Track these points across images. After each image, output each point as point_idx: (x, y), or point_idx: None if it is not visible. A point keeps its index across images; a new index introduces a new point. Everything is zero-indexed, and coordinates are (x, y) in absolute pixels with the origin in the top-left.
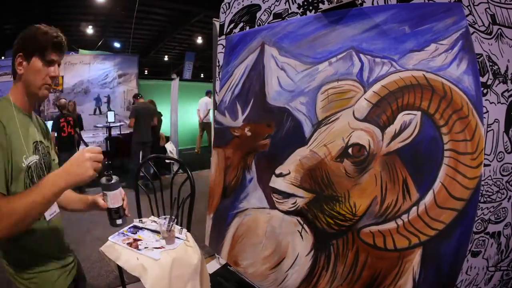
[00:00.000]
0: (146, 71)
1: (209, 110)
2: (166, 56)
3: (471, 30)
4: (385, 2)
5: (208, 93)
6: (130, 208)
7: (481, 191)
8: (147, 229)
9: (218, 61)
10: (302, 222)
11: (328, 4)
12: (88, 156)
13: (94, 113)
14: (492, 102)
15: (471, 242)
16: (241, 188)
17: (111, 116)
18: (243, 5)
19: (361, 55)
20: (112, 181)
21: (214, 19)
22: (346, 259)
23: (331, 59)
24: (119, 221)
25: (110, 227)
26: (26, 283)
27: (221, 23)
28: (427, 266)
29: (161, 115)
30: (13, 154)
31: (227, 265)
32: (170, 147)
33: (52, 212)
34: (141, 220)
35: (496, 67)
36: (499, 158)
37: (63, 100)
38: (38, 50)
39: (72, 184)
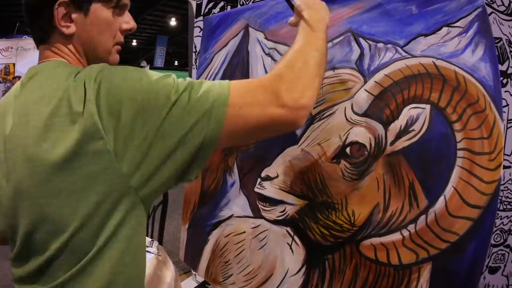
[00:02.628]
0: None
1: None
2: (134, 41)
3: (489, 10)
4: None
5: None
6: None
7: (500, 197)
8: None
9: (195, 46)
10: (292, 233)
11: None
12: None
13: None
14: None
15: (489, 256)
16: (222, 194)
17: None
18: None
19: (361, 40)
20: None
21: None
22: (344, 276)
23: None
24: None
25: None
26: None
27: (198, 2)
28: (438, 284)
29: None
30: None
31: (206, 283)
32: None
33: None
34: None
35: None
36: None
37: None
38: None
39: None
